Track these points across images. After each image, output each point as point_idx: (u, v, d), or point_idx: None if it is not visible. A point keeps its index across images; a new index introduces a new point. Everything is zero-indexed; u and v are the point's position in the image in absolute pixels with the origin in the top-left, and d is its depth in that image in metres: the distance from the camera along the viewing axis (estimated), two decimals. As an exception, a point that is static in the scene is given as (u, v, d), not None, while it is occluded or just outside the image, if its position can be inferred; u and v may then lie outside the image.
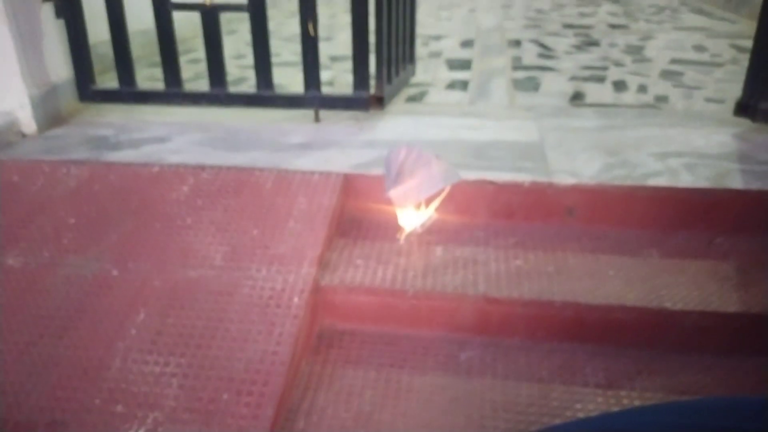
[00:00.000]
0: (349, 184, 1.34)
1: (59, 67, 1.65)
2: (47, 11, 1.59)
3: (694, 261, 1.19)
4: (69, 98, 1.68)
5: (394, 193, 1.26)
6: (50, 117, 1.62)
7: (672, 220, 1.26)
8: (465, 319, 1.13)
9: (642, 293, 1.10)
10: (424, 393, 1.03)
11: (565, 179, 1.28)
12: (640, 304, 1.07)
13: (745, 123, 1.55)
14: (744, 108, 1.52)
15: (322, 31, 1.62)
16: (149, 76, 1.99)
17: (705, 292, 1.10)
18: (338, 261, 1.20)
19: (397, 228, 1.27)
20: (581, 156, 1.38)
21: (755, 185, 1.25)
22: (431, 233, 1.28)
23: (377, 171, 1.33)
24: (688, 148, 1.42)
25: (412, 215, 1.28)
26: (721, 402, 0.66)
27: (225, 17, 1.57)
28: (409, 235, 1.27)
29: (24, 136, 1.57)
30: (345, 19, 2.93)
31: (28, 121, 1.56)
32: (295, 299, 1.09)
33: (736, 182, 1.26)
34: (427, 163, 1.28)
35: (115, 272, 1.16)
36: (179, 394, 0.96)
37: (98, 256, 1.19)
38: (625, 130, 1.54)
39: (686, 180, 1.27)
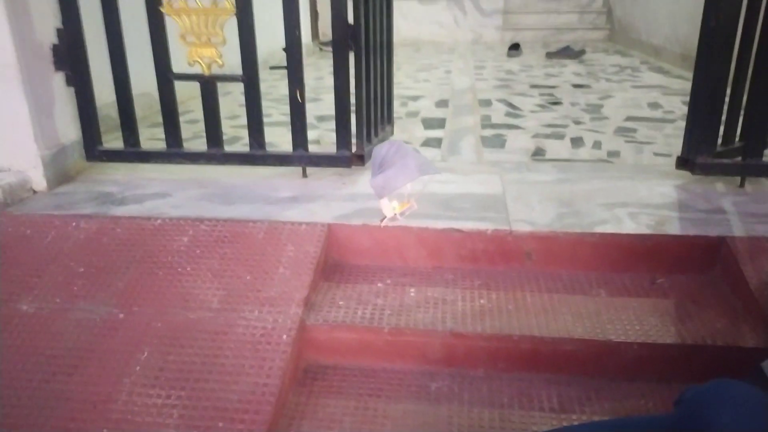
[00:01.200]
0: (333, 234, 1.50)
1: (68, 129, 1.82)
2: (59, 80, 1.77)
3: (637, 298, 1.35)
4: (76, 158, 1.84)
5: (374, 182, 1.43)
6: (59, 175, 1.77)
7: (617, 263, 1.43)
8: (434, 353, 1.26)
9: (590, 327, 1.25)
10: (398, 419, 1.15)
11: (523, 227, 1.45)
12: (587, 336, 1.22)
13: (686, 175, 1.74)
14: (684, 162, 1.72)
15: (309, 93, 1.81)
16: (150, 135, 2.16)
17: (645, 326, 1.25)
18: (322, 302, 1.34)
19: (374, 272, 1.43)
20: (538, 207, 1.56)
21: (691, 231, 1.43)
22: (406, 276, 1.44)
23: (358, 221, 1.50)
24: (633, 198, 1.61)
25: (391, 205, 1.46)
26: (641, 420, 0.81)
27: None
28: (389, 219, 1.44)
29: (35, 192, 1.71)
30: (330, 81, 3.16)
31: (39, 179, 1.71)
32: (284, 337, 1.23)
33: (674, 228, 1.44)
34: (404, 156, 1.45)
35: (121, 315, 1.28)
36: (179, 423, 1.08)
37: (106, 301, 1.32)
38: (579, 183, 1.73)
39: (629, 227, 1.44)
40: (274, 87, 3.26)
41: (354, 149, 1.81)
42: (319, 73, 4.09)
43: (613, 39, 5.89)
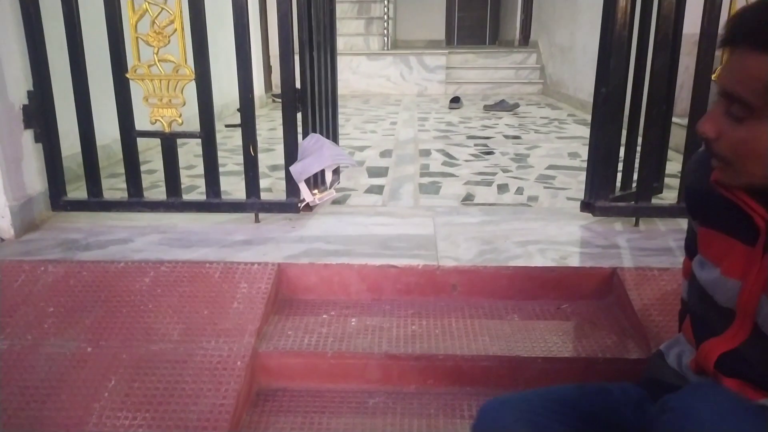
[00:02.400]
0: (283, 272, 1.68)
1: (35, 181, 1.96)
2: (27, 136, 1.92)
3: (544, 321, 1.58)
4: (42, 207, 1.97)
5: (293, 168, 1.67)
6: (26, 224, 1.90)
7: (528, 292, 1.66)
8: (372, 373, 1.45)
9: (504, 346, 1.47)
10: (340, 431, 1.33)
11: (449, 263, 1.67)
12: (501, 353, 1.44)
13: (590, 217, 2.02)
14: (586, 205, 2.00)
15: (262, 144, 2.01)
16: (109, 185, 2.31)
17: (549, 344, 1.48)
18: (273, 332, 1.52)
19: (320, 306, 1.62)
20: (463, 245, 1.79)
21: (589, 264, 1.69)
22: (349, 308, 1.63)
23: (306, 260, 1.69)
24: (544, 237, 1.87)
25: (310, 191, 1.71)
26: (612, 387, 0.96)
27: (181, 141, 1.95)
28: (308, 204, 1.68)
29: (2, 240, 1.83)
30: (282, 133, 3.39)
31: (7, 228, 1.84)
32: (238, 363, 1.39)
33: (575, 262, 1.70)
34: (321, 147, 1.71)
35: (89, 349, 1.42)
36: (145, 441, 1.22)
37: (75, 337, 1.45)
38: (500, 224, 1.98)
39: (538, 261, 1.69)
40: (228, 138, 3.46)
41: (302, 196, 2.02)
42: (272, 124, 4.32)
43: (546, 93, 6.40)
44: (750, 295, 0.78)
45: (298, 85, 1.91)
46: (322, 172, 2.05)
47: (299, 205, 1.98)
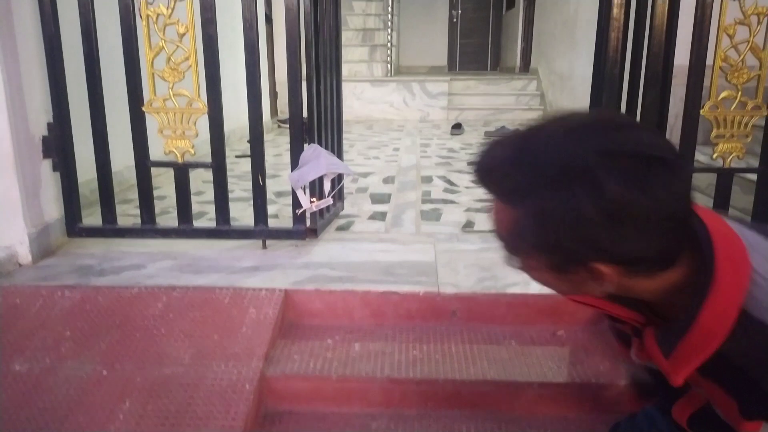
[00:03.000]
0: (289, 298, 1.75)
1: (51, 208, 2.04)
2: (46, 165, 2.01)
3: (540, 347, 1.64)
4: (58, 233, 2.05)
5: (291, 176, 1.81)
6: (43, 249, 1.97)
7: (526, 318, 1.73)
8: (375, 397, 1.51)
9: (501, 371, 1.53)
10: (344, 452, 1.38)
11: (449, 290, 1.74)
12: (498, 378, 1.50)
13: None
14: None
15: (268, 170, 2.09)
16: (121, 211, 2.39)
17: (545, 369, 1.54)
18: (280, 356, 1.58)
19: (325, 330, 1.68)
20: (463, 272, 1.86)
21: (584, 290, 1.75)
22: (352, 332, 1.70)
23: (311, 287, 1.76)
24: (541, 264, 1.93)
25: (307, 199, 1.83)
26: None
27: (192, 171, 2.04)
28: (305, 210, 1.90)
29: (20, 266, 1.91)
30: (288, 158, 3.49)
31: (25, 254, 1.91)
32: (247, 386, 1.45)
33: (571, 289, 1.76)
34: (318, 156, 1.83)
35: (105, 372, 1.49)
36: (158, 461, 1.28)
37: (91, 360, 1.52)
38: (498, 251, 2.05)
39: (535, 288, 1.75)
40: (235, 164, 3.56)
41: (308, 223, 2.10)
42: (277, 150, 4.42)
43: (546, 118, 6.51)
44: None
45: (305, 115, 2.00)
46: (321, 180, 2.13)
47: (305, 234, 2.06)
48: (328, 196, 1.96)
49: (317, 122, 2.10)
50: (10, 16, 1.81)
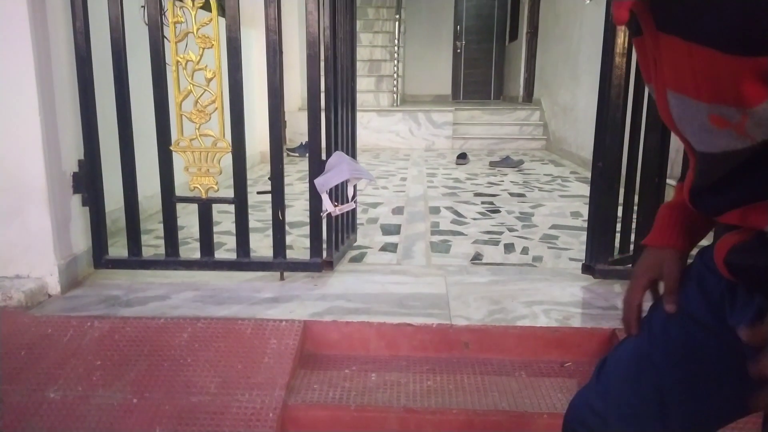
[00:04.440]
0: (308, 329, 1.83)
1: (79, 240, 2.14)
2: (76, 200, 2.11)
3: (549, 378, 1.72)
4: (85, 265, 2.15)
5: (317, 181, 1.95)
6: (71, 281, 2.07)
7: (535, 350, 1.80)
8: (391, 426, 1.58)
9: (512, 402, 1.60)
10: (363, 479, 1.45)
11: (461, 322, 1.82)
12: (509, 408, 1.57)
13: (590, 278, 2.17)
14: (587, 268, 2.16)
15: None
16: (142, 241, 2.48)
17: (554, 400, 1.61)
18: (300, 386, 1.66)
19: (342, 361, 1.76)
20: (473, 304, 1.95)
21: (589, 324, 1.83)
22: (368, 363, 1.77)
23: (329, 318, 1.84)
24: (548, 297, 2.02)
25: (330, 203, 2.05)
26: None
27: (215, 206, 2.14)
28: (329, 214, 2.06)
29: (50, 296, 2.00)
30: (298, 187, 3.61)
31: (54, 285, 2.01)
32: (270, 415, 1.53)
33: (577, 322, 1.84)
34: (341, 162, 1.98)
35: (135, 400, 1.56)
36: (187, 487, 1.35)
37: (121, 388, 1.60)
38: (507, 284, 2.14)
39: (543, 321, 1.84)
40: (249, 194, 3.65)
41: (324, 255, 2.19)
42: (287, 179, 4.52)
43: (549, 149, 6.64)
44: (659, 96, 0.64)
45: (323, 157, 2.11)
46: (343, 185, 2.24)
47: (322, 266, 2.15)
48: (350, 201, 2.12)
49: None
50: (50, 61, 1.93)
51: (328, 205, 2.04)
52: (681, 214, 0.84)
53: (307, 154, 2.12)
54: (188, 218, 2.28)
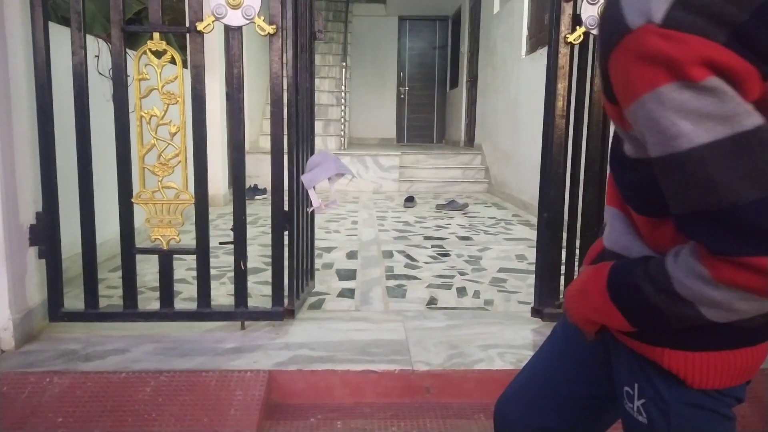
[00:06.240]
0: (273, 379, 1.86)
1: (35, 293, 2.10)
2: (32, 253, 2.08)
3: (506, 419, 1.81)
4: (40, 318, 2.10)
5: (304, 178, 2.06)
6: (25, 335, 2.02)
7: (492, 392, 1.89)
8: (360, 472, 1.63)
9: (473, 443, 1.69)
10: None
11: (422, 367, 1.91)
12: (471, 450, 1.66)
13: (540, 321, 2.31)
14: (536, 311, 2.30)
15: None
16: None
17: (512, 439, 1.71)
18: (269, 437, 1.68)
19: (308, 410, 1.80)
20: (433, 350, 2.04)
21: (541, 365, 1.95)
22: (333, 411, 1.82)
23: (293, 367, 1.88)
24: (502, 341, 2.14)
25: (318, 199, 2.14)
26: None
27: (176, 257, 2.16)
28: (314, 210, 2.18)
29: (3, 351, 1.94)
30: (252, 232, 3.62)
31: (8, 340, 1.95)
32: (240, 468, 1.55)
33: (530, 363, 1.96)
34: (326, 160, 2.10)
35: (99, 459, 1.55)
36: None
37: (85, 447, 1.57)
38: (463, 328, 2.25)
39: (499, 364, 1.95)
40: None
41: (286, 304, 2.23)
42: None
43: (491, 192, 6.93)
44: None
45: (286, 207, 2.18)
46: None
47: (283, 315, 2.19)
48: (333, 198, 2.24)
49: (297, 214, 2.27)
50: (10, 114, 1.93)
51: (314, 201, 2.16)
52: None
53: (257, 197, 2.19)
54: (139, 266, 2.25)
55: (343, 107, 7.53)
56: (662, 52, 0.54)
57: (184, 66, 2.04)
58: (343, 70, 7.71)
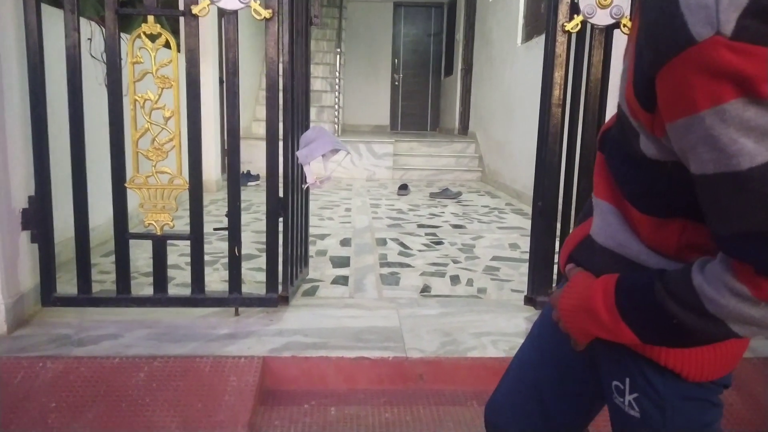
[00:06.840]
0: (267, 365, 1.87)
1: (27, 278, 2.08)
2: (24, 237, 2.07)
3: (498, 406, 1.83)
4: (32, 303, 2.09)
5: (300, 153, 2.06)
6: (17, 319, 2.01)
7: (484, 380, 1.92)
8: (353, 458, 1.64)
9: (464, 430, 1.70)
10: None
11: (415, 354, 1.92)
12: (464, 436, 1.67)
13: (533, 309, 2.33)
14: (529, 300, 2.32)
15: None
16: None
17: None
18: (261, 423, 1.69)
19: (302, 396, 1.81)
20: (426, 337, 2.05)
21: (533, 353, 1.97)
22: (327, 397, 1.83)
23: (287, 353, 1.89)
24: (495, 329, 2.15)
25: (313, 175, 2.14)
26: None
27: (170, 242, 2.15)
28: (309, 186, 2.16)
29: (-5, 337, 1.94)
30: (244, 218, 3.60)
31: (0, 325, 1.94)
32: (234, 452, 1.56)
33: (522, 351, 1.98)
34: (322, 135, 2.11)
35: (93, 443, 1.55)
36: None
37: (79, 431, 1.57)
38: (456, 316, 2.26)
39: (492, 352, 1.96)
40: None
41: (280, 290, 2.23)
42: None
43: (485, 180, 6.94)
44: None
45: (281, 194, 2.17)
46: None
47: (277, 301, 2.19)
48: (328, 175, 2.23)
49: (291, 201, 2.27)
50: (2, 97, 1.91)
51: (309, 177, 2.15)
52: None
53: (250, 184, 2.19)
54: (132, 251, 2.24)
55: (337, 94, 7.49)
56: (732, 66, 0.50)
57: (178, 50, 2.01)
58: (338, 56, 7.66)
